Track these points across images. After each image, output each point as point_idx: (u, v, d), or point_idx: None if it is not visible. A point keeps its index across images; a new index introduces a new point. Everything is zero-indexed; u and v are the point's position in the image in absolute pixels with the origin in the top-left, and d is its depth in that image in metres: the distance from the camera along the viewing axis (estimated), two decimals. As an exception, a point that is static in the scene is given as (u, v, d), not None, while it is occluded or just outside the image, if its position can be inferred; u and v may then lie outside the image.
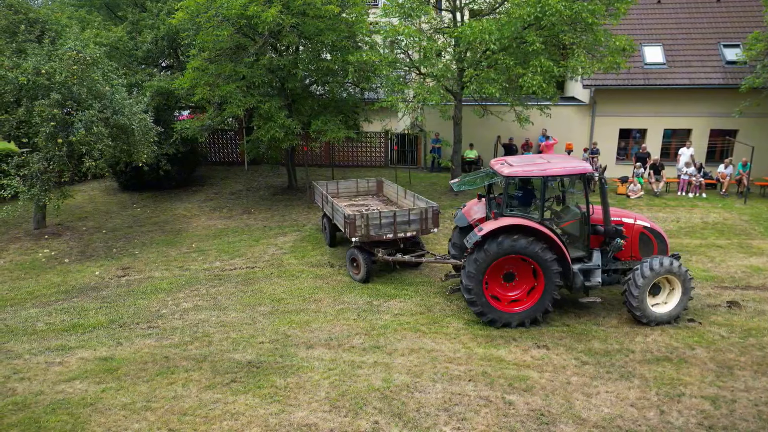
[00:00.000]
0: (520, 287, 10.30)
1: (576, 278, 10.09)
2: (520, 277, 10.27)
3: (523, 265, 10.14)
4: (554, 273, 9.74)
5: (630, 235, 10.48)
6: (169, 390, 8.32)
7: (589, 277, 10.27)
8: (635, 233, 10.56)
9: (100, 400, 8.09)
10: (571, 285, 10.16)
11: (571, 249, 10.25)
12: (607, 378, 8.33)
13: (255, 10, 15.27)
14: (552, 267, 9.70)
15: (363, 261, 12.53)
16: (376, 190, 16.99)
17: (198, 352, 9.56)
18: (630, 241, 10.51)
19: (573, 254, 10.19)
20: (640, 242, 10.59)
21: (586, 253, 10.40)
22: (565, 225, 10.93)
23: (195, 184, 23.40)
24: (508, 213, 10.07)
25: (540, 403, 7.70)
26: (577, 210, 10.73)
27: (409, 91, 18.36)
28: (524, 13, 15.29)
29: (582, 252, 10.40)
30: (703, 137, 23.89)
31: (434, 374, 8.54)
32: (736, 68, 22.90)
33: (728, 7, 25.68)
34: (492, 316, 10.03)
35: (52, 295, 12.41)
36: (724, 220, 17.17)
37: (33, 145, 14.37)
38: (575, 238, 10.65)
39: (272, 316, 10.99)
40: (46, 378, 8.78)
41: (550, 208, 11.43)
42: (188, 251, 15.32)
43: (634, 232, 10.54)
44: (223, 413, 7.67)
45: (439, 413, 7.52)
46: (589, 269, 10.28)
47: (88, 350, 9.73)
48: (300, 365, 8.95)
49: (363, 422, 7.37)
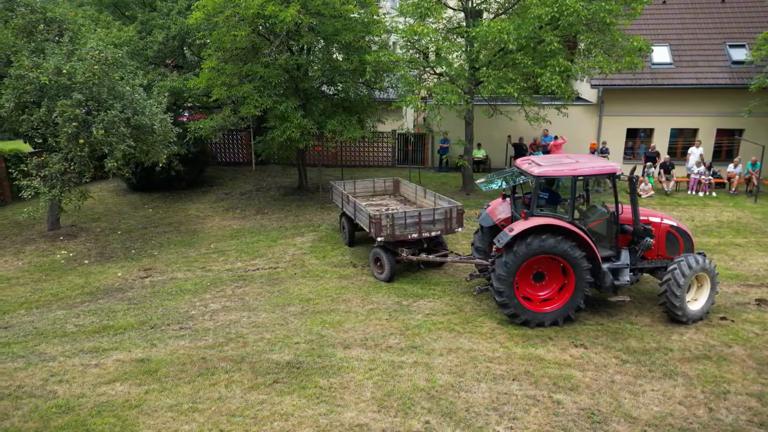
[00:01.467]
0: (550, 287, 10.32)
1: (606, 277, 10.12)
2: (549, 276, 10.29)
3: (552, 265, 10.16)
4: (585, 270, 9.77)
5: (657, 234, 10.51)
6: (212, 391, 8.27)
7: (618, 276, 10.30)
8: (662, 232, 10.61)
9: (144, 402, 8.03)
10: (600, 284, 10.19)
11: (600, 248, 10.25)
12: (651, 376, 8.38)
13: (272, 10, 15.23)
14: (582, 265, 9.72)
15: (387, 260, 12.55)
16: (393, 190, 17.04)
17: (235, 353, 9.51)
18: (657, 240, 10.52)
19: (601, 253, 10.19)
20: (666, 241, 10.65)
21: (615, 252, 10.43)
22: (592, 225, 10.93)
23: (204, 184, 23.32)
24: (538, 213, 10.08)
25: (588, 402, 7.73)
26: (605, 209, 10.76)
27: (421, 90, 18.40)
28: (542, 12, 15.35)
29: (610, 251, 10.43)
30: (709, 137, 24.10)
31: (477, 374, 8.55)
32: (742, 68, 23.13)
33: (733, 7, 25.89)
34: (525, 317, 10.03)
35: (77, 297, 12.31)
36: (738, 219, 17.32)
37: (51, 145, 14.27)
38: (602, 237, 10.67)
39: (303, 316, 10.96)
40: (85, 380, 8.70)
41: (577, 207, 11.49)
42: (208, 252, 15.25)
43: (660, 231, 10.59)
44: (271, 414, 7.64)
45: (488, 413, 7.53)
46: (618, 268, 10.30)
47: (123, 352, 9.65)
48: (340, 365, 8.93)
49: (414, 422, 7.36)
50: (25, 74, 12.78)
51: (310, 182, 22.32)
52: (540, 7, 15.39)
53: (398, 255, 12.64)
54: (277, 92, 16.78)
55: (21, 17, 14.46)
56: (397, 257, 12.67)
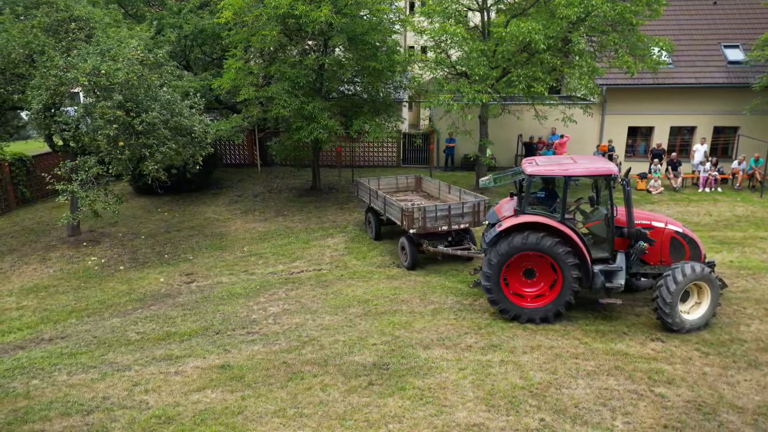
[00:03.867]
0: (540, 284, 10.35)
1: (596, 278, 9.99)
2: (540, 273, 10.32)
3: (542, 262, 10.16)
4: (571, 268, 9.77)
5: (660, 240, 10.30)
6: (310, 395, 8.16)
7: (612, 279, 10.08)
8: (665, 237, 10.33)
9: (245, 408, 7.87)
10: (591, 284, 10.08)
11: (595, 249, 10.29)
12: (737, 367, 8.62)
13: (303, 9, 15.08)
14: (566, 260, 9.73)
15: (409, 250, 13.39)
16: (415, 186, 17.54)
17: (314, 356, 9.39)
18: (660, 246, 10.30)
19: (597, 255, 10.17)
20: (671, 247, 10.35)
21: (611, 254, 10.23)
22: (590, 225, 11.02)
23: (213, 186, 22.89)
24: (530, 211, 10.12)
25: (690, 394, 7.92)
26: (605, 211, 10.48)
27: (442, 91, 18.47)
28: (571, 13, 15.59)
29: (606, 253, 10.27)
30: (707, 134, 24.87)
31: (568, 370, 8.65)
32: (738, 68, 24.00)
33: (725, 9, 26.80)
34: (514, 312, 10.21)
35: (127, 304, 11.95)
36: (753, 213, 17.95)
37: (83, 147, 13.82)
38: (601, 239, 10.58)
39: (368, 317, 10.89)
40: (172, 389, 8.47)
41: (580, 208, 11.65)
42: (243, 255, 15.00)
43: (664, 236, 10.32)
44: (381, 417, 7.58)
45: (598, 408, 7.63)
46: (612, 271, 10.10)
47: (198, 359, 9.43)
48: (428, 366, 8.92)
49: (529, 420, 7.41)
50: (61, 75, 12.33)
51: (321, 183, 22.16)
52: (569, 8, 15.63)
53: (420, 246, 13.45)
54: (304, 92, 16.59)
55: (46, 15, 13.94)
56: (419, 248, 13.49)
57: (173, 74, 13.88)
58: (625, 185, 9.78)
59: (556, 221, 9.83)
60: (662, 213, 16.25)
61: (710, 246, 14.32)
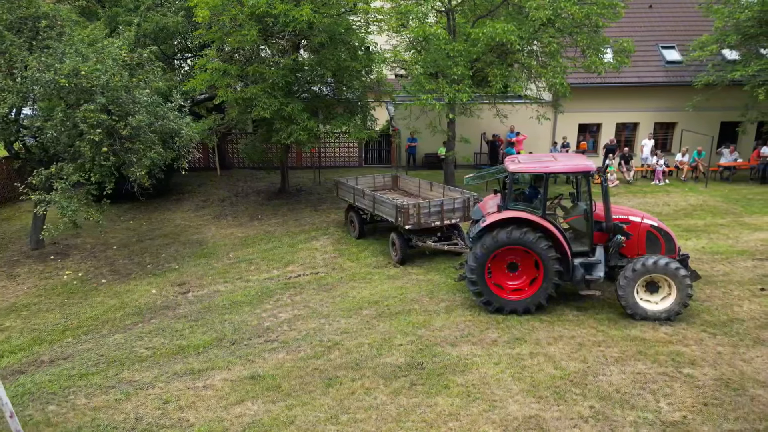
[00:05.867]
0: (522, 277, 10.77)
1: (576, 271, 10.42)
2: (522, 267, 10.72)
3: (526, 256, 10.57)
4: (551, 261, 10.22)
5: (636, 234, 10.68)
6: (356, 400, 8.06)
7: (591, 271, 10.49)
8: (642, 231, 10.72)
9: (294, 418, 7.67)
10: (571, 277, 10.54)
11: (576, 243, 10.79)
12: (745, 345, 9.29)
13: (282, 8, 14.78)
14: (548, 254, 10.18)
15: (399, 245, 13.81)
16: (392, 185, 17.76)
17: (344, 360, 9.28)
18: (637, 240, 10.69)
19: (577, 248, 10.65)
20: (647, 240, 10.74)
21: (590, 248, 10.67)
22: (570, 220, 11.56)
23: (173, 192, 21.93)
24: (512, 207, 10.52)
25: (714, 372, 8.46)
26: (585, 206, 10.94)
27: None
28: (542, 14, 16.18)
29: (586, 247, 10.73)
30: (648, 130, 26.49)
31: (597, 358, 9.01)
32: (675, 67, 25.74)
33: (660, 12, 28.60)
34: (498, 304, 10.61)
35: (124, 318, 11.29)
36: (705, 202, 19.30)
37: (57, 154, 12.94)
38: (581, 233, 11.05)
39: (383, 318, 10.86)
40: (207, 404, 8.12)
41: (560, 204, 12.17)
42: (232, 262, 14.52)
43: (640, 230, 10.71)
44: (437, 416, 7.61)
45: (640, 392, 8.01)
46: (592, 264, 10.52)
47: (222, 371, 9.08)
48: (463, 362, 9.02)
49: (580, 408, 7.67)
50: (38, 76, 11.46)
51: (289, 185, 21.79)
52: (539, 10, 16.18)
53: (410, 242, 13.82)
54: (283, 94, 16.25)
55: (8, 12, 12.89)
56: (409, 244, 13.83)
57: (155, 75, 13.16)
58: (603, 182, 10.29)
59: (538, 216, 10.22)
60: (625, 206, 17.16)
61: (679, 234, 15.23)
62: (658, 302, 10.23)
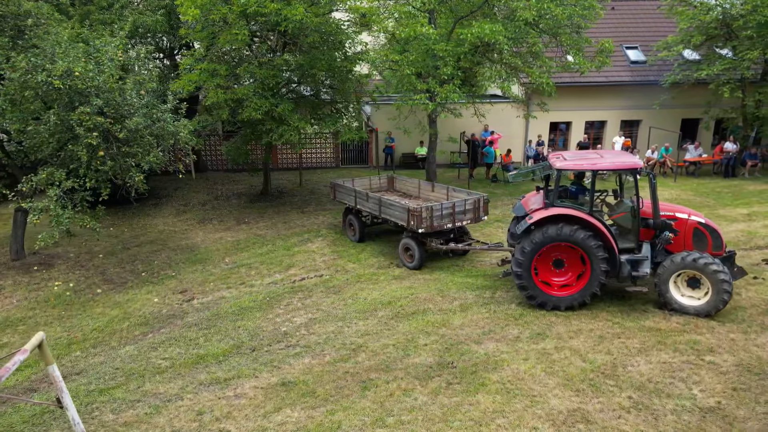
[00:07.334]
0: (568, 273, 10.97)
1: (623, 268, 10.55)
2: (569, 263, 10.92)
3: (572, 253, 10.76)
4: (599, 259, 10.40)
5: (683, 230, 10.82)
6: (397, 402, 8.02)
7: (638, 268, 10.64)
8: (689, 228, 10.85)
9: (339, 423, 7.54)
10: (618, 274, 10.75)
11: (621, 240, 11.01)
12: (753, 331, 9.70)
13: (273, 7, 14.53)
14: (597, 253, 10.36)
15: (417, 250, 13.42)
16: (388, 186, 17.59)
17: (373, 363, 9.21)
18: (683, 236, 10.83)
19: (623, 245, 10.87)
20: (693, 237, 10.86)
21: (636, 244, 10.85)
22: (616, 217, 11.77)
23: (150, 197, 21.18)
24: (559, 204, 10.75)
25: (733, 359, 8.83)
26: (630, 203, 11.24)
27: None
28: (528, 15, 16.49)
29: (632, 243, 10.97)
30: (615, 128, 27.45)
31: (621, 350, 9.25)
32: (639, 67, 26.78)
33: (622, 13, 29.67)
34: (542, 299, 10.79)
35: (132, 329, 10.86)
36: (678, 196, 20.10)
37: (45, 159, 12.32)
38: (626, 230, 11.30)
39: (400, 319, 10.85)
40: (245, 413, 7.91)
41: (605, 201, 12.56)
42: (230, 267, 14.19)
43: (687, 227, 10.84)
44: (483, 413, 7.65)
45: (670, 380, 8.27)
46: (638, 260, 10.66)
47: (250, 379, 8.87)
48: (492, 360, 9.11)
49: (619, 399, 7.87)
50: (29, 78, 10.88)
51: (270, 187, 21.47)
52: (525, 11, 16.48)
53: (426, 245, 13.52)
54: (273, 94, 15.99)
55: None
56: (425, 247, 13.55)
57: (151, 75, 12.68)
58: (652, 178, 10.54)
59: (585, 213, 10.43)
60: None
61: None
62: (701, 298, 10.29)
